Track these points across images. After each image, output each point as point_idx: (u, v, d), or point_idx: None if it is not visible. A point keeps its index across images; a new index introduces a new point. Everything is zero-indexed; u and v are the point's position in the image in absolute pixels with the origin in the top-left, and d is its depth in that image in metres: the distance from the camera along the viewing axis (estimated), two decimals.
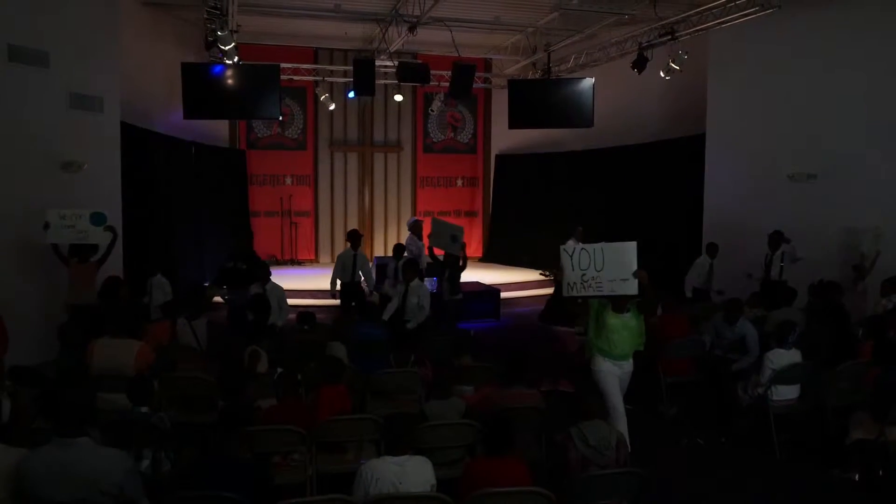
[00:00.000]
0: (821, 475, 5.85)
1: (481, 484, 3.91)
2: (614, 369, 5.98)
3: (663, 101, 13.66)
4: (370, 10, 12.75)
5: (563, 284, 5.97)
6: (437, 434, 4.98)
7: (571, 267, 5.86)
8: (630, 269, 5.75)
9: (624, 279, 5.75)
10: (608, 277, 5.77)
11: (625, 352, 5.99)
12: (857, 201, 9.86)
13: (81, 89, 9.28)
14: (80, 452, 3.45)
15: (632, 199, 14.21)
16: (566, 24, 13.18)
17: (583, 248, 5.89)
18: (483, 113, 18.65)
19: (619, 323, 5.92)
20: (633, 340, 6.00)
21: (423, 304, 8.47)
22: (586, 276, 5.83)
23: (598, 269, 5.79)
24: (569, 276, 5.90)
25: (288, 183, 17.27)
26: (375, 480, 3.97)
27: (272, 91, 11.78)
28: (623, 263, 5.76)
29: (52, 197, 8.71)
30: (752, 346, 7.24)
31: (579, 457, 4.40)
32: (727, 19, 10.72)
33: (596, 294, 5.88)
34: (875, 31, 9.77)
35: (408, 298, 8.42)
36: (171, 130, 12.83)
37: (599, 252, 5.82)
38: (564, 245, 6.38)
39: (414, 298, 8.43)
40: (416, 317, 8.41)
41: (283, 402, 5.28)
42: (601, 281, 5.79)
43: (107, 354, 5.80)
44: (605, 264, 5.78)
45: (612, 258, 5.79)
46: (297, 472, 4.95)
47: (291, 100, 16.83)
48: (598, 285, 5.81)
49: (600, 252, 5.82)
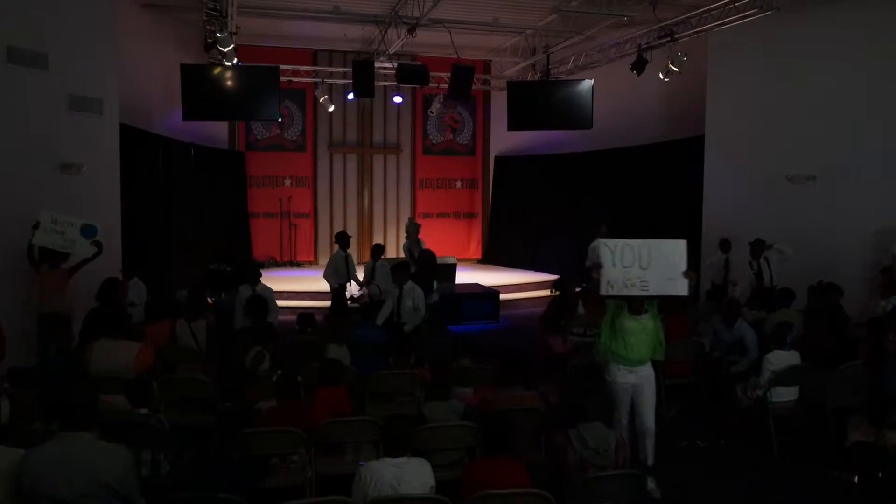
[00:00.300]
0: (820, 477, 5.85)
1: (480, 486, 3.91)
2: (629, 377, 5.61)
3: (662, 103, 13.67)
4: (369, 11, 12.76)
5: (602, 282, 5.48)
6: (436, 436, 4.98)
7: (612, 263, 5.41)
8: (679, 269, 5.41)
9: (672, 279, 5.39)
10: (655, 277, 5.37)
11: (642, 356, 5.61)
12: (857, 203, 9.86)
13: (81, 91, 9.27)
14: (82, 446, 3.50)
15: (631, 201, 14.21)
16: (565, 25, 13.19)
17: (626, 244, 5.44)
18: (482, 114, 18.66)
19: (635, 325, 5.56)
20: (651, 344, 5.62)
21: (418, 305, 8.43)
22: (630, 275, 5.38)
23: (643, 266, 5.38)
24: (609, 273, 5.43)
25: (287, 184, 17.27)
26: (374, 482, 3.97)
27: (271, 93, 11.78)
28: (671, 262, 5.40)
29: (52, 199, 8.69)
30: (751, 348, 7.25)
31: (578, 459, 4.40)
32: (726, 21, 10.74)
33: (641, 294, 5.45)
34: (874, 33, 9.77)
35: (402, 301, 8.37)
36: (170, 132, 12.84)
37: (645, 248, 5.40)
38: (591, 245, 6.05)
39: (409, 301, 8.37)
40: (412, 319, 8.37)
41: (282, 404, 5.28)
42: (647, 280, 5.38)
43: (105, 356, 5.80)
44: (652, 262, 5.38)
45: (658, 256, 5.39)
46: (296, 474, 4.95)
47: (291, 101, 16.83)
48: (643, 284, 5.39)
49: (646, 248, 5.40)
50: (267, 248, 16.84)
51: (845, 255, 9.75)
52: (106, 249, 9.46)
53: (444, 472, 4.63)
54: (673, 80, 12.14)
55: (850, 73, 9.97)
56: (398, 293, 8.41)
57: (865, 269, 9.55)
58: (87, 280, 7.99)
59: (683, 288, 5.41)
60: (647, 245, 5.41)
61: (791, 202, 10.55)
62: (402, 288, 8.43)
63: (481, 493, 3.84)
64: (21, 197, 8.34)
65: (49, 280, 7.87)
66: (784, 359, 6.49)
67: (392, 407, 6.12)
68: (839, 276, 9.00)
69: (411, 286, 8.52)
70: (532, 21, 13.53)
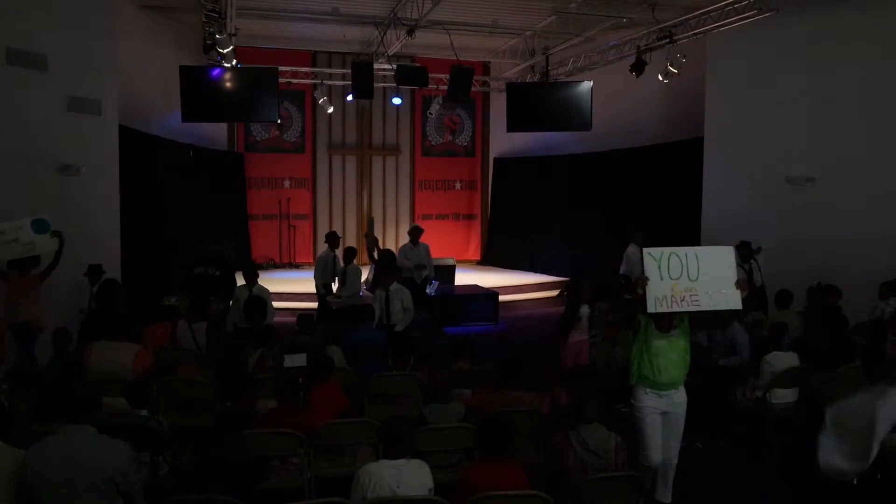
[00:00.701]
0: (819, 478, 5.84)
1: (479, 488, 3.91)
2: (658, 403, 5.11)
3: (661, 105, 13.67)
4: (368, 13, 12.76)
5: (649, 297, 4.94)
6: (435, 437, 4.98)
7: (660, 276, 4.90)
8: (730, 279, 4.95)
9: (724, 291, 4.91)
10: (705, 289, 4.88)
11: (672, 378, 5.08)
12: (856, 204, 9.86)
13: (80, 92, 9.27)
14: (84, 439, 3.57)
15: (630, 203, 14.22)
16: (564, 27, 13.20)
17: (673, 253, 4.94)
18: (481, 116, 18.67)
19: (665, 344, 5.04)
20: (683, 364, 5.13)
21: (407, 306, 8.42)
22: (678, 288, 4.88)
23: (692, 278, 4.89)
24: (656, 287, 4.90)
25: (286, 186, 17.28)
26: (373, 485, 3.96)
27: (270, 94, 11.79)
28: (721, 272, 4.93)
29: (50, 200, 8.70)
30: (742, 350, 7.29)
31: (578, 460, 4.40)
32: (725, 23, 10.74)
33: (692, 309, 4.95)
34: (873, 34, 9.77)
35: (391, 303, 8.36)
36: (169, 133, 12.84)
37: (693, 258, 4.92)
38: (627, 251, 5.53)
39: (397, 302, 8.37)
40: (402, 320, 8.36)
41: (282, 406, 5.28)
42: (697, 293, 4.89)
43: (104, 358, 5.81)
44: (701, 273, 4.90)
45: (707, 265, 4.92)
46: (295, 476, 4.95)
47: (290, 103, 16.83)
48: (693, 299, 4.90)
49: (694, 258, 4.92)
50: (266, 250, 16.84)
51: (844, 257, 9.74)
52: (105, 251, 9.53)
53: (443, 473, 4.63)
54: (672, 81, 12.14)
55: (849, 75, 9.97)
56: (385, 295, 8.39)
57: (864, 271, 9.53)
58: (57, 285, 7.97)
59: (736, 301, 4.96)
60: (696, 253, 4.96)
61: (790, 204, 10.55)
62: (388, 290, 8.42)
63: (480, 495, 3.84)
64: (20, 198, 8.33)
65: (19, 286, 7.62)
66: (783, 360, 6.49)
67: (391, 408, 6.11)
68: (838, 277, 8.99)
69: (397, 287, 8.51)
70: (531, 22, 13.53)
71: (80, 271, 8.63)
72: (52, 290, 8.02)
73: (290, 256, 17.01)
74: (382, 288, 8.48)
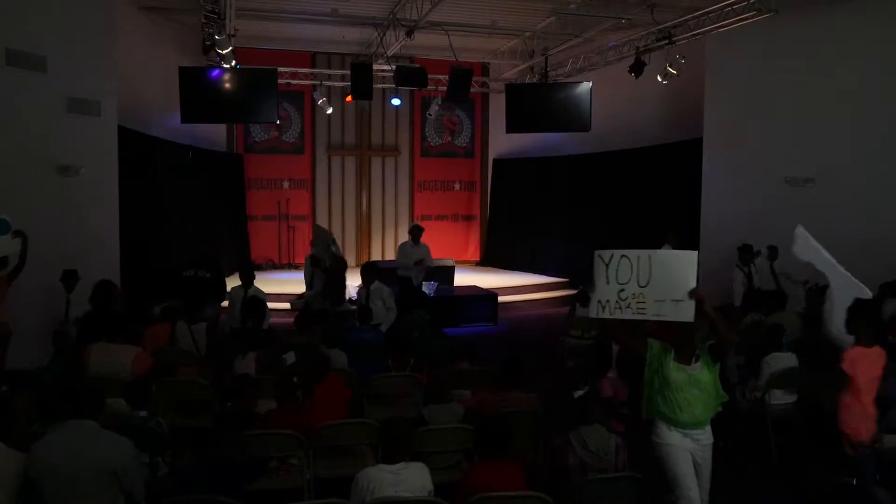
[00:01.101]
0: (818, 479, 5.85)
1: (479, 489, 3.91)
2: (684, 442, 4.43)
3: (660, 106, 13.68)
4: (368, 14, 12.76)
5: (592, 302, 4.52)
6: (434, 438, 4.98)
7: (606, 279, 4.44)
8: (685, 287, 4.29)
9: (677, 300, 4.29)
10: (655, 296, 4.34)
11: (696, 418, 4.41)
12: (855, 205, 9.87)
13: (79, 93, 9.27)
14: (87, 433, 3.63)
15: (629, 204, 14.22)
16: (563, 28, 13.20)
17: (624, 256, 4.45)
18: (481, 117, 18.66)
19: (683, 378, 4.39)
20: (709, 401, 4.44)
21: (389, 305, 8.41)
22: (625, 293, 4.40)
23: (641, 284, 4.37)
24: (601, 290, 4.47)
25: (285, 187, 17.26)
26: (372, 489, 3.96)
27: (270, 95, 11.79)
28: (677, 279, 4.32)
29: (50, 201, 8.72)
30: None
31: (578, 461, 4.40)
32: (724, 24, 10.75)
33: (635, 318, 4.43)
34: (872, 35, 9.79)
35: (372, 303, 8.35)
36: (168, 134, 12.83)
37: (646, 261, 4.39)
38: (600, 252, 4.75)
39: (378, 301, 8.36)
40: (385, 319, 8.35)
41: (281, 407, 5.28)
42: (645, 301, 4.37)
43: (103, 359, 5.81)
44: (653, 278, 4.36)
45: (661, 271, 4.36)
46: (294, 477, 4.95)
47: (289, 104, 16.83)
48: (639, 306, 4.38)
49: (647, 261, 4.39)
50: (265, 251, 16.83)
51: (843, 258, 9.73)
52: (104, 252, 9.52)
53: (443, 474, 4.63)
54: (671, 82, 12.15)
55: (848, 76, 9.99)
56: (366, 294, 8.38)
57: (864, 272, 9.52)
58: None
59: (688, 312, 4.27)
60: (649, 256, 4.42)
61: (789, 204, 10.55)
62: (368, 289, 8.41)
63: (480, 496, 3.84)
64: (19, 199, 8.33)
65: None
66: (782, 360, 6.51)
67: (391, 409, 6.12)
68: None
69: (378, 286, 8.49)
70: (530, 23, 13.54)
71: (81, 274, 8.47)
72: (24, 294, 7.75)
73: (290, 257, 16.99)
74: (364, 287, 8.47)
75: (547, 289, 15.33)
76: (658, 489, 4.43)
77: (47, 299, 8.43)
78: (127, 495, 3.60)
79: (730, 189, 11.50)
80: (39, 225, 8.28)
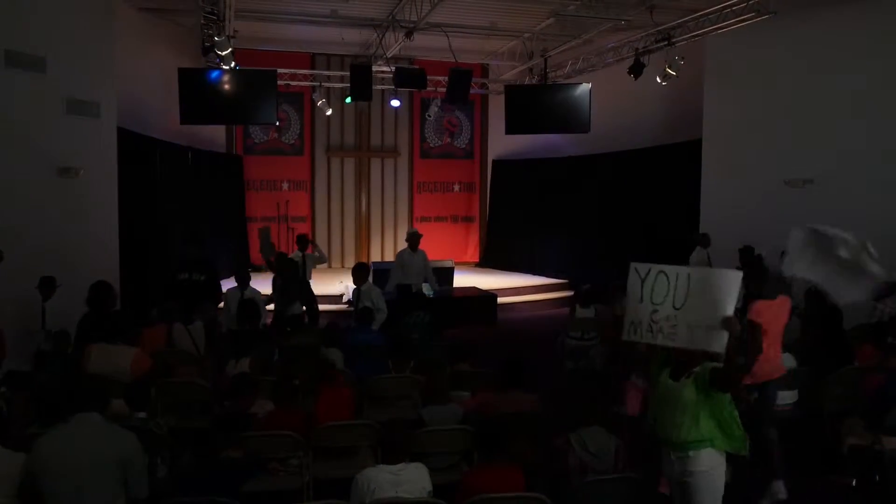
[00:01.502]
0: (818, 481, 5.84)
1: (478, 490, 3.90)
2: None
3: (660, 107, 13.69)
4: (367, 15, 12.77)
5: (626, 321, 4.11)
6: (433, 439, 4.97)
7: (640, 297, 4.01)
8: (722, 312, 3.75)
9: (711, 326, 3.77)
10: (688, 321, 3.83)
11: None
12: (855, 206, 9.86)
13: (78, 95, 9.26)
14: (92, 426, 3.68)
15: (628, 205, 14.23)
16: (563, 29, 13.20)
17: (661, 271, 3.97)
18: (480, 118, 18.66)
19: (664, 390, 4.04)
20: (684, 422, 3.91)
21: (378, 306, 8.39)
22: (658, 315, 3.92)
23: (676, 305, 3.87)
24: (633, 310, 4.05)
25: (285, 188, 17.26)
26: (372, 490, 3.96)
27: (269, 96, 11.78)
28: (715, 302, 3.78)
29: (49, 203, 8.71)
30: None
31: (578, 463, 4.39)
32: (723, 25, 10.76)
33: (666, 344, 3.95)
34: (871, 36, 9.80)
35: (361, 303, 8.36)
36: (167, 136, 12.83)
37: (685, 280, 3.88)
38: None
39: (367, 302, 8.37)
40: (375, 320, 8.34)
41: (280, 408, 5.27)
42: (676, 325, 3.87)
43: (102, 360, 5.80)
44: (690, 299, 3.84)
45: (699, 291, 3.84)
46: (293, 478, 4.94)
47: (288, 105, 16.82)
48: (671, 331, 3.88)
49: (685, 280, 3.88)
50: None
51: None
52: (104, 254, 9.51)
53: (442, 475, 4.63)
54: (670, 83, 12.15)
55: (847, 77, 9.99)
56: (356, 294, 8.38)
57: None
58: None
59: (720, 342, 3.75)
60: (688, 276, 3.90)
61: (789, 206, 10.55)
62: (359, 289, 8.41)
63: (479, 497, 3.84)
64: (19, 201, 8.33)
65: None
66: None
67: (390, 411, 6.11)
68: None
69: (368, 287, 8.49)
70: (529, 25, 13.54)
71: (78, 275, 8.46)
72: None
73: None
74: (355, 286, 8.48)
75: (546, 290, 15.32)
76: (656, 490, 4.42)
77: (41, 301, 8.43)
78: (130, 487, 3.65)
79: (729, 190, 11.51)
80: (38, 226, 8.29)
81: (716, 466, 3.95)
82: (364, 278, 8.58)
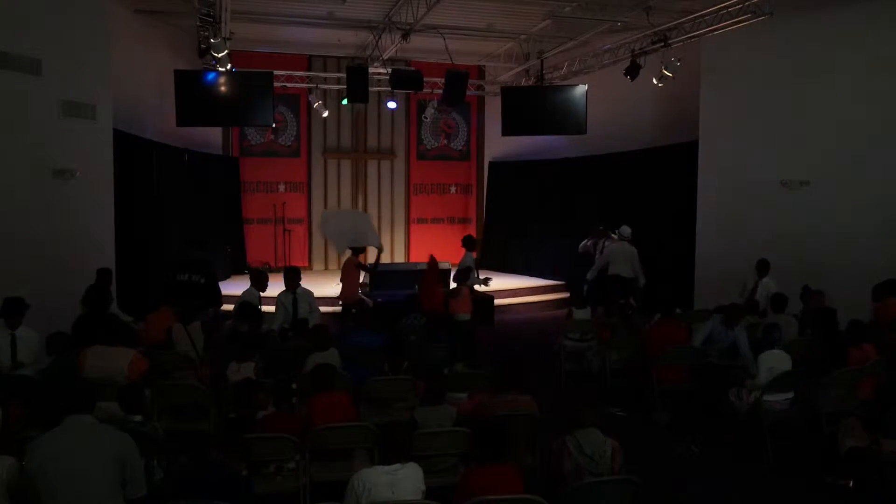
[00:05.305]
0: (815, 482, 5.85)
1: (476, 492, 3.90)
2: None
3: (656, 108, 13.70)
4: (363, 17, 12.77)
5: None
6: (429, 441, 4.96)
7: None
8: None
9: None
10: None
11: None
12: (852, 207, 9.89)
13: (74, 97, 9.24)
14: (88, 426, 3.71)
15: (625, 206, 14.20)
16: (559, 31, 13.22)
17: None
18: (476, 120, 18.66)
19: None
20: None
21: (313, 307, 8.48)
22: None
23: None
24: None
25: (281, 190, 17.25)
26: (368, 491, 3.95)
27: (265, 98, 11.75)
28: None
29: (45, 205, 8.69)
30: (744, 351, 7.30)
31: (574, 465, 4.39)
32: (719, 26, 10.77)
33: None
34: (868, 37, 9.81)
35: (299, 306, 8.38)
36: (163, 138, 12.81)
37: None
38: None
39: (304, 305, 8.40)
40: (312, 320, 8.33)
41: (277, 411, 5.26)
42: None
43: (99, 362, 5.79)
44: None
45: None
46: (290, 481, 4.93)
47: (285, 107, 16.82)
48: None
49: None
50: (261, 254, 16.78)
51: (840, 260, 9.77)
52: (100, 255, 9.49)
53: (438, 477, 4.62)
54: (667, 85, 12.16)
55: (844, 78, 10.00)
56: (293, 298, 8.39)
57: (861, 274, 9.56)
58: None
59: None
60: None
61: (785, 207, 10.57)
62: (295, 293, 8.42)
63: (476, 499, 3.83)
64: (14, 203, 8.31)
65: None
66: (775, 357, 6.57)
67: (387, 413, 6.11)
68: (833, 280, 9.03)
69: (303, 290, 8.57)
70: (526, 27, 13.56)
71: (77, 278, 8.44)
72: None
73: (286, 261, 16.88)
74: (289, 291, 8.48)
75: (542, 291, 15.32)
76: (653, 492, 4.42)
77: (40, 304, 8.39)
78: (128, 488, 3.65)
79: (725, 191, 11.51)
80: (35, 228, 8.26)
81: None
82: (297, 282, 8.55)
